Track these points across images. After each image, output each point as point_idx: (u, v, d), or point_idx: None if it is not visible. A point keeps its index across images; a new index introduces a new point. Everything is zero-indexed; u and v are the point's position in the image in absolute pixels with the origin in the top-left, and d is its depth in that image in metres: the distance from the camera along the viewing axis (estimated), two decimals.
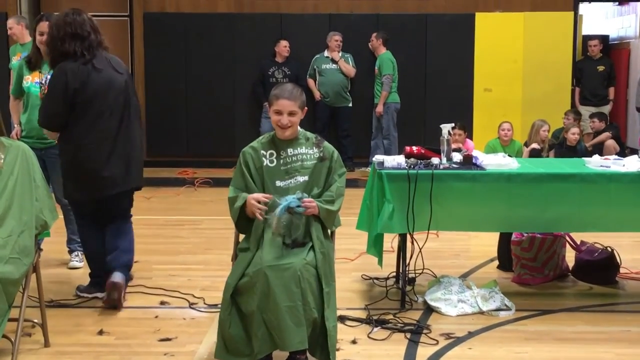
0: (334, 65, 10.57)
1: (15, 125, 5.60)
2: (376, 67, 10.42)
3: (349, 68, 10.57)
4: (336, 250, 4.00)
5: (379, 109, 10.29)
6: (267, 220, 3.75)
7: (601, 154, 5.70)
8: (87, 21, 4.74)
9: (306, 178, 3.91)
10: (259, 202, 3.75)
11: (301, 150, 3.95)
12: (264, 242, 3.75)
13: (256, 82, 10.70)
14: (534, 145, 8.58)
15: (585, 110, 10.42)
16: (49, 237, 4.21)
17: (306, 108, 3.99)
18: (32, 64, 5.47)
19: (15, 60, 5.94)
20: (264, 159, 3.93)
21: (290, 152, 3.93)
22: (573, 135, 8.67)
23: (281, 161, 3.92)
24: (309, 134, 4.04)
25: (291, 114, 3.88)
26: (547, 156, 8.44)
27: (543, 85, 10.79)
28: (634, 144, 10.56)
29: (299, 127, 3.99)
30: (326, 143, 4.02)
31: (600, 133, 9.59)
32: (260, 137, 4.05)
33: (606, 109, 10.61)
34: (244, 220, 3.89)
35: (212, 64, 11.07)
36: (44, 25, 5.39)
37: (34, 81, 5.43)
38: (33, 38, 5.51)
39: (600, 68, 10.72)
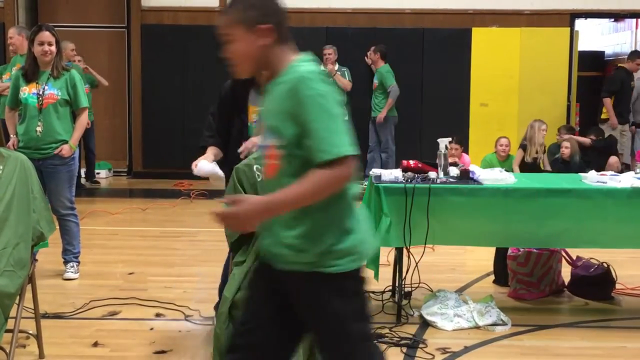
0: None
1: (12, 136, 5.59)
2: (375, 81, 10.43)
3: (345, 82, 10.56)
4: None
5: (382, 114, 10.29)
6: None
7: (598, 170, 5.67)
8: None
9: None
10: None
11: None
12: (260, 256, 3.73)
13: None
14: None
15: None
16: (47, 247, 4.20)
17: None
18: (29, 75, 5.46)
19: (15, 71, 5.95)
20: (257, 173, 3.91)
21: None
22: (566, 149, 8.70)
23: None
24: None
25: None
26: (543, 165, 8.45)
27: (539, 100, 10.82)
28: (628, 159, 10.57)
29: None
30: None
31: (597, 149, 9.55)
32: (254, 153, 4.04)
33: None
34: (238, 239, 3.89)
35: (209, 76, 11.07)
36: (45, 35, 5.38)
37: (31, 92, 5.42)
38: (28, 49, 5.50)
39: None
